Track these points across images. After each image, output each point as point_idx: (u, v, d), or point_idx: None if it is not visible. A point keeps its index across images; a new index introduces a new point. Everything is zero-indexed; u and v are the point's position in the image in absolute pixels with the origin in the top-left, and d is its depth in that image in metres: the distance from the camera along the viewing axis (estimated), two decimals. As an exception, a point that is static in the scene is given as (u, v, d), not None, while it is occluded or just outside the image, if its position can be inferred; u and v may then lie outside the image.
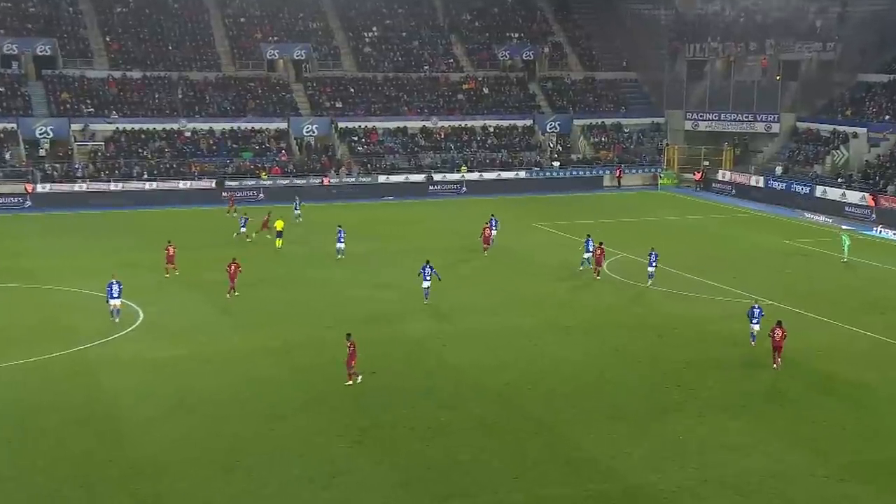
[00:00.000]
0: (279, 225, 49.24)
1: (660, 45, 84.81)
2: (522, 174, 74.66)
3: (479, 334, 34.41)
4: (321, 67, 79.77)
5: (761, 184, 70.55)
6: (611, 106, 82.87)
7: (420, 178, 72.55)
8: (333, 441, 25.03)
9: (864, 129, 69.63)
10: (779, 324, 30.99)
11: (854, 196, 62.99)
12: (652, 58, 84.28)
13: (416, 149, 75.81)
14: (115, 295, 34.60)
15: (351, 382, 28.67)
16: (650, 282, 41.71)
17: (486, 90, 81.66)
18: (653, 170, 77.36)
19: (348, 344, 28.80)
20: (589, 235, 44.93)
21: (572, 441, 25.07)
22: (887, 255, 47.80)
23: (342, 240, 46.17)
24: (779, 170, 71.54)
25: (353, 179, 71.27)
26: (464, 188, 72.46)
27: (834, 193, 64.52)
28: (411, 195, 69.78)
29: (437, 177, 72.91)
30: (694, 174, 75.77)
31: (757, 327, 32.72)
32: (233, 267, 39.10)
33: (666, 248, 48.74)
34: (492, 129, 78.89)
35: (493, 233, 48.75)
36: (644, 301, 39.55)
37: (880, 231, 55.87)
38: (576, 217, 60.37)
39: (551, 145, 78.76)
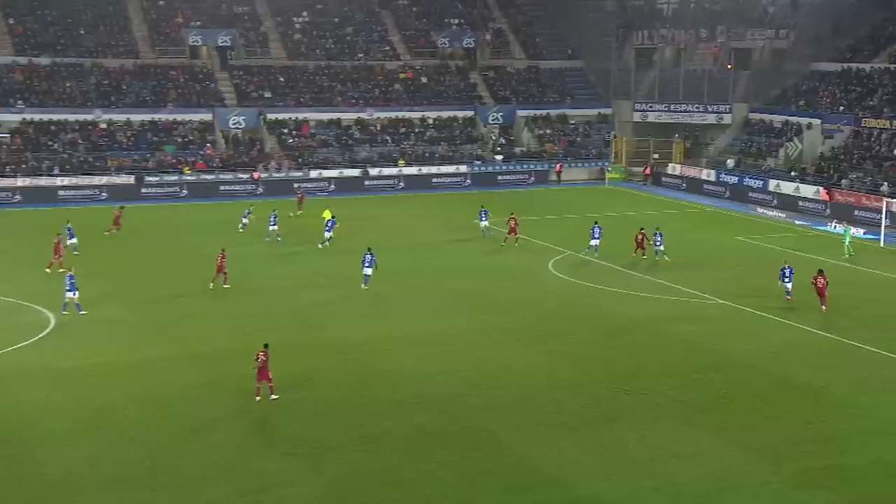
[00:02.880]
0: (326, 214, 51.41)
1: (607, 33, 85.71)
2: (464, 168, 74.85)
3: (420, 338, 34.39)
4: (248, 55, 79.03)
5: (713, 178, 71.72)
6: (556, 96, 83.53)
7: (355, 172, 72.30)
8: (264, 454, 24.81)
9: (818, 120, 71.24)
10: (820, 272, 38.13)
11: (808, 190, 64.39)
12: (598, 46, 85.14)
13: (350, 142, 75.52)
14: (68, 288, 36.31)
15: (259, 398, 27.98)
16: (594, 253, 46.20)
17: (424, 79, 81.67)
18: (600, 163, 78.19)
19: (261, 353, 28.09)
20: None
21: (518, 451, 25.18)
22: (842, 252, 48.91)
23: (330, 229, 49.11)
24: (731, 163, 72.81)
25: (284, 174, 70.76)
26: (401, 183, 72.43)
27: (787, 187, 65.87)
28: (347, 191, 69.46)
29: (373, 171, 72.72)
30: (644, 167, 76.74)
31: (790, 285, 38.88)
32: (220, 258, 40.35)
33: (613, 245, 49.24)
34: (431, 121, 78.94)
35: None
36: (592, 302, 39.91)
37: (835, 227, 57.15)
38: (520, 213, 60.49)
39: (494, 138, 79.08)
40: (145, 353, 32.28)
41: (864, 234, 54.01)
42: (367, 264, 40.42)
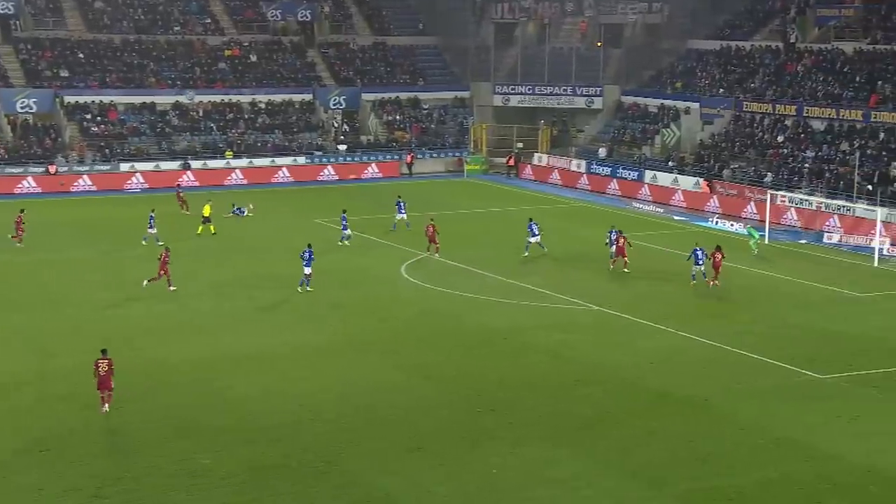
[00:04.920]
0: (206, 210, 52.95)
1: (462, 5, 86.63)
2: (302, 160, 74.30)
3: (259, 356, 33.96)
4: (37, 26, 76.25)
5: (583, 168, 73.38)
6: (406, 77, 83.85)
7: (174, 165, 70.72)
8: (65, 497, 23.89)
9: (697, 104, 73.84)
10: (718, 248, 43.60)
11: (687, 182, 66.61)
12: (453, 20, 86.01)
13: (167, 129, 73.85)
14: None
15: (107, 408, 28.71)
16: (542, 249, 48.55)
17: (253, 58, 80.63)
18: (458, 153, 78.90)
19: (101, 361, 28.55)
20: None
21: (368, 480, 25.00)
22: (725, 250, 50.62)
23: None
24: (602, 152, 74.66)
25: (87, 167, 68.61)
26: (236, 177, 71.44)
27: (665, 179, 67.98)
28: (165, 187, 67.88)
29: (195, 164, 71.31)
30: (507, 159, 77.80)
31: (698, 268, 42.91)
32: (163, 255, 41.54)
33: (472, 246, 49.70)
34: (263, 106, 78.02)
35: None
36: (452, 309, 40.10)
37: (716, 222, 59.22)
38: (366, 210, 60.49)
39: (336, 125, 78.76)
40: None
41: (746, 227, 55.94)
42: (306, 262, 41.59)
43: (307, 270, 41.88)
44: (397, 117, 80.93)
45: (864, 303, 42.64)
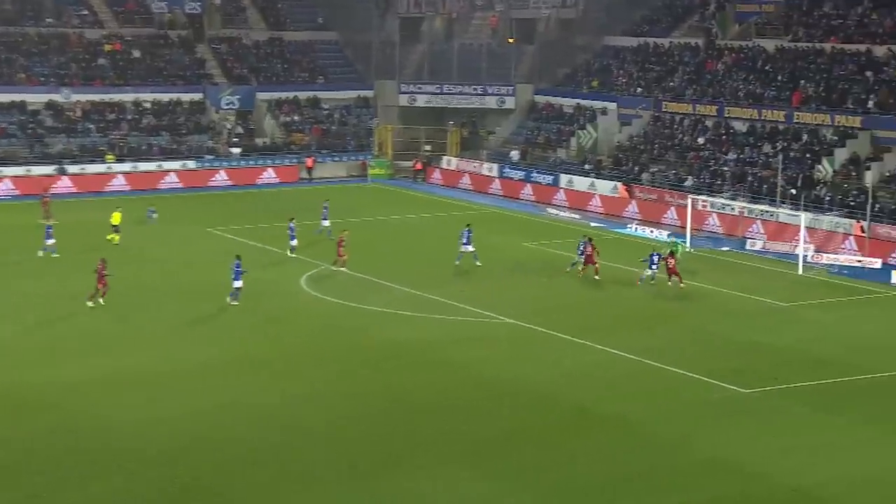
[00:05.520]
0: (116, 219, 52.90)
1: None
2: (192, 164, 73.48)
3: (142, 377, 33.48)
4: None
5: (495, 172, 73.78)
6: (304, 75, 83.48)
7: (48, 170, 69.28)
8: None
9: (614, 104, 74.79)
10: (671, 253, 45.79)
11: (604, 186, 67.37)
12: (356, 13, 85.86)
13: (40, 131, 72.37)
14: None
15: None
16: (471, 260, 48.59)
17: (137, 53, 79.49)
18: (361, 157, 78.74)
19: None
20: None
21: (263, 515, 24.72)
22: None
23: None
24: (515, 155, 75.18)
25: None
26: (117, 182, 70.36)
27: (581, 183, 68.68)
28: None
29: (71, 168, 69.99)
30: (414, 163, 77.81)
31: (650, 273, 45.25)
32: (100, 267, 41.32)
33: (378, 256, 49.65)
34: (148, 106, 76.98)
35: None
36: (357, 324, 39.97)
37: (636, 229, 59.97)
38: (263, 218, 60.07)
39: (229, 126, 78.03)
40: None
41: (668, 236, 56.90)
42: (235, 275, 41.66)
43: (237, 284, 41.80)
44: (296, 118, 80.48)
45: (789, 312, 43.55)
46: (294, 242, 51.01)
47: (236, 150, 75.89)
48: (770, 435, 29.64)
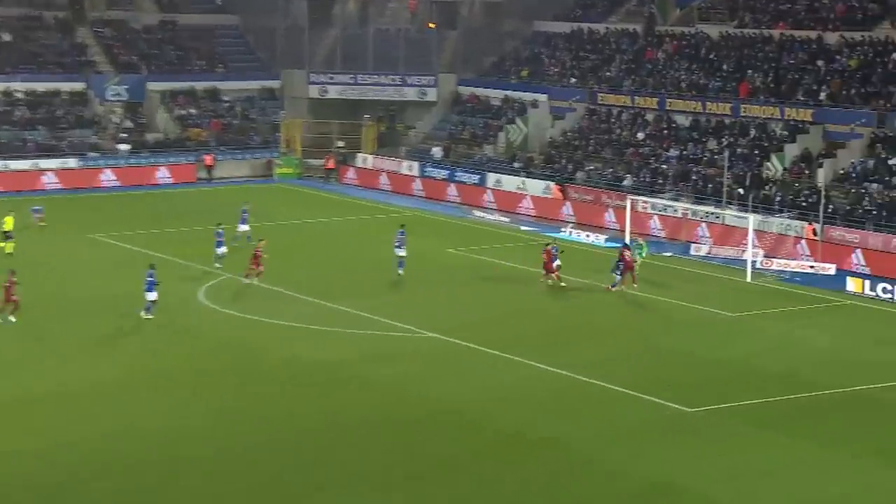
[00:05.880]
0: (8, 223, 52.62)
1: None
2: (73, 162, 72.60)
3: (17, 402, 32.97)
4: None
5: (416, 171, 73.92)
6: (202, 64, 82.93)
7: None
8: None
9: (545, 96, 75.33)
10: (626, 246, 48.50)
11: (536, 186, 67.81)
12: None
13: None
14: None
15: None
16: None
17: (7, 36, 78.29)
18: (266, 154, 78.42)
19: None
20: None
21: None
22: (582, 263, 51.75)
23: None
24: (438, 152, 75.36)
25: None
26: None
27: (511, 183, 69.06)
28: None
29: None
30: (325, 161, 77.62)
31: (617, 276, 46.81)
32: (9, 284, 41.10)
33: (285, 264, 49.51)
34: (21, 96, 75.93)
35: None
36: (260, 340, 39.84)
37: (570, 233, 60.37)
38: (155, 224, 59.59)
39: (116, 120, 77.24)
40: None
41: (606, 241, 57.46)
42: (148, 286, 41.67)
43: (151, 296, 41.70)
44: (192, 111, 79.88)
45: (737, 323, 44.22)
46: (222, 250, 50.37)
47: (124, 147, 75.08)
48: (716, 457, 30.09)
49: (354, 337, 40.73)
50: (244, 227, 54.81)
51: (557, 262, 47.95)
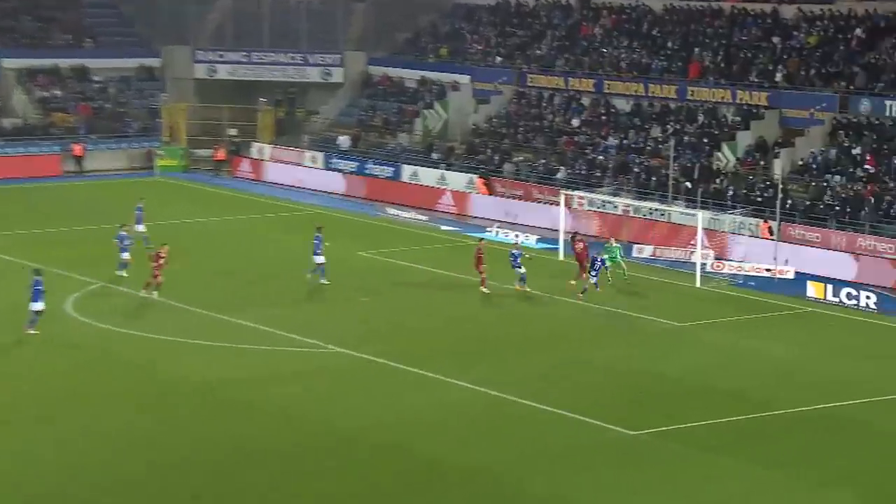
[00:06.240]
0: None
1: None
2: None
3: None
4: None
5: (321, 163, 73.78)
6: (68, 38, 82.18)
7: None
8: None
9: (468, 77, 75.56)
10: (576, 234, 50.02)
11: (458, 180, 67.99)
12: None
13: None
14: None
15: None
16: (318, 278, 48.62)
17: None
18: (146, 144, 77.86)
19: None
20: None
21: None
22: (510, 266, 51.93)
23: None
24: (345, 141, 75.29)
25: None
26: None
27: (429, 176, 69.17)
28: None
29: None
30: (215, 151, 77.20)
31: (593, 278, 47.31)
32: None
33: (168, 271, 49.18)
34: None
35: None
36: (136, 358, 39.59)
37: (497, 233, 60.45)
38: (13, 224, 58.93)
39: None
40: None
41: (538, 241, 57.68)
42: (34, 297, 41.26)
43: (37, 307, 41.51)
44: (57, 93, 79.15)
45: (685, 334, 44.64)
46: (125, 256, 49.89)
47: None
48: (662, 486, 30.26)
49: (249, 353, 40.57)
50: (140, 228, 54.33)
51: (522, 270, 48.16)
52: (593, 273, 47.84)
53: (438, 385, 37.70)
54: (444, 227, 62.65)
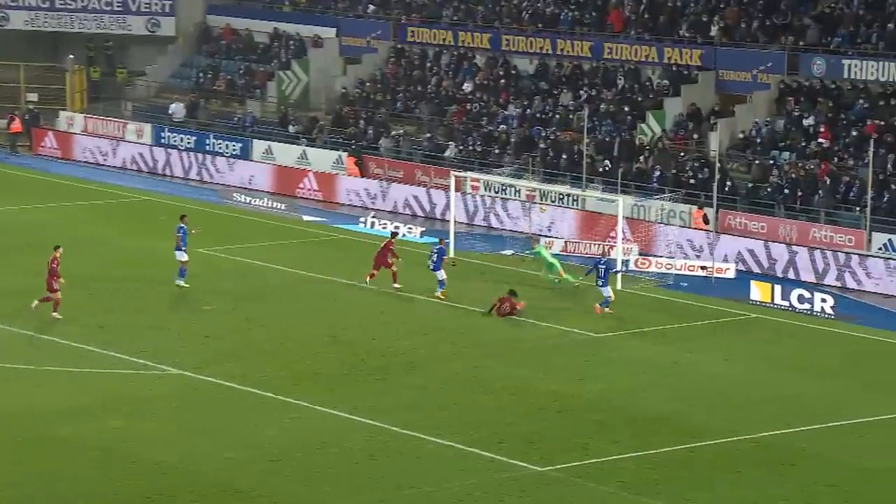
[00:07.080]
0: None
1: None
2: None
3: None
4: None
5: (147, 137, 73.45)
6: None
7: None
8: None
9: (333, 31, 75.68)
10: (512, 293, 47.80)
11: (322, 159, 68.03)
12: None
13: None
14: None
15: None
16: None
17: None
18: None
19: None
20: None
21: None
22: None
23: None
24: (179, 110, 75.01)
25: None
26: None
27: (286, 154, 69.18)
28: None
29: None
30: (9, 122, 76.55)
31: (607, 289, 47.60)
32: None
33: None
34: None
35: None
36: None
37: (372, 224, 60.39)
38: None
39: None
40: None
41: (423, 236, 57.83)
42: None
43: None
44: None
45: (603, 346, 45.31)
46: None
47: None
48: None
49: (63, 376, 40.49)
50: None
51: (442, 274, 48.73)
52: (601, 282, 48.12)
53: (303, 413, 37.84)
54: (306, 218, 62.65)
